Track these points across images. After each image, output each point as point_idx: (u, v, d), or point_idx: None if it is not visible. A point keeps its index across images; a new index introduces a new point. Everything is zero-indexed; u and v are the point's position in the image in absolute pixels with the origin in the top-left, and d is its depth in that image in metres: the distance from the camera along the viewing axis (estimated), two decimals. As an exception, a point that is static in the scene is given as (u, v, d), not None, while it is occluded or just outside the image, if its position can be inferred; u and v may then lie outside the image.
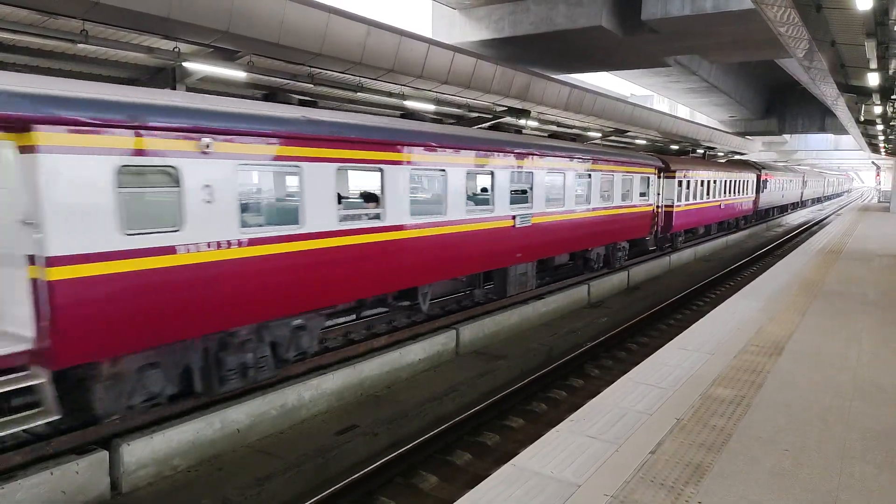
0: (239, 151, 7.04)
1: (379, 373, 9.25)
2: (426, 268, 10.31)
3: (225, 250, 6.93)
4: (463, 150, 10.87)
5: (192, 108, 6.57)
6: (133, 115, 5.99)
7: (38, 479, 5.59)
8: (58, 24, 8.06)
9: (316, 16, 10.79)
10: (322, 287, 8.25)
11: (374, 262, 9.03)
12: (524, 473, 4.30)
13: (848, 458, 4.59)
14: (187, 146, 6.49)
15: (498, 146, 11.85)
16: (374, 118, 9.78)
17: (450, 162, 10.54)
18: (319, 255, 8.10)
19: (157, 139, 6.22)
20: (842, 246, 18.24)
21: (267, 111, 7.52)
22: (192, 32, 9.24)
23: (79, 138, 5.63)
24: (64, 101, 5.54)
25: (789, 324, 8.55)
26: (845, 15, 9.95)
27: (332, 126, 8.20)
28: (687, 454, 4.61)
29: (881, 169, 62.58)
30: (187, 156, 6.50)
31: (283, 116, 7.61)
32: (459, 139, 10.89)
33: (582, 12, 19.25)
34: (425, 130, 10.12)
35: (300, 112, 8.01)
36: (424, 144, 9.92)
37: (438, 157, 10.28)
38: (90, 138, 5.71)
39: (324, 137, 8.02)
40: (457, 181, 10.72)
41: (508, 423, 8.18)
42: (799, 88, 38.35)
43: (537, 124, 18.87)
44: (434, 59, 13.53)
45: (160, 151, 6.27)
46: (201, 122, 6.59)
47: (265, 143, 7.31)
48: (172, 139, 6.35)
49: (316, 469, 6.68)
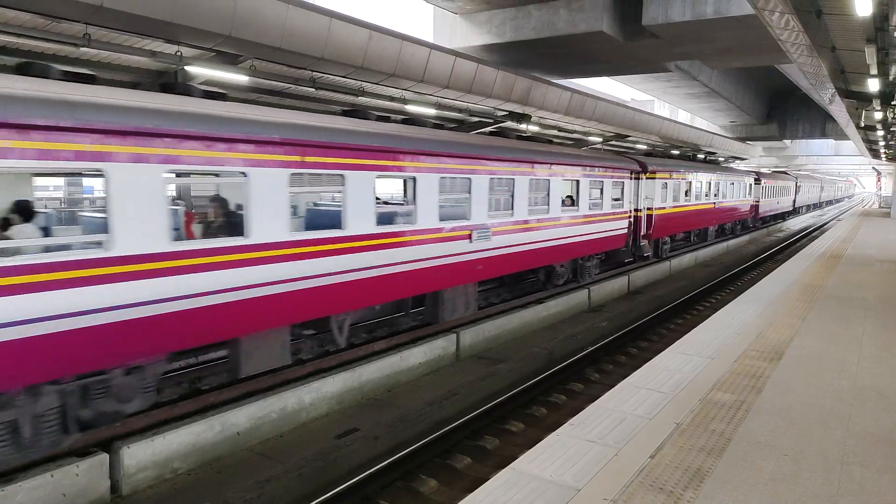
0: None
1: (379, 376, 9.25)
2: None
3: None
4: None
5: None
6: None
7: (39, 482, 5.59)
8: (60, 27, 8.09)
9: (318, 20, 10.83)
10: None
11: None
12: (524, 477, 4.30)
13: (848, 464, 4.59)
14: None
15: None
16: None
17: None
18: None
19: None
20: (842, 251, 18.24)
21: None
22: (195, 36, 9.28)
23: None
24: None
25: (790, 328, 8.56)
26: (845, 21, 9.98)
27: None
28: (687, 459, 4.61)
29: (882, 174, 62.61)
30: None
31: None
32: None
33: (583, 17, 19.29)
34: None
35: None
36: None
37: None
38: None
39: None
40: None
41: (508, 427, 8.18)
42: (799, 94, 38.37)
43: (538, 129, 18.91)
44: (435, 63, 13.56)
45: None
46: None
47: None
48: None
49: (316, 472, 6.69)
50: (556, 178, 14.03)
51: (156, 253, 6.48)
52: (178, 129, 6.69)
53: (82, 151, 5.92)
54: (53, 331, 5.70)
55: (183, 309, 6.76)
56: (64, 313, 5.76)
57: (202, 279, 6.94)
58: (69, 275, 5.78)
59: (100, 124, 5.98)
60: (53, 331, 5.70)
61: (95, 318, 5.99)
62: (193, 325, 6.89)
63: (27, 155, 5.53)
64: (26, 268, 5.53)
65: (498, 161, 12.11)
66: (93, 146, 5.98)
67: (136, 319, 6.32)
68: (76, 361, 5.99)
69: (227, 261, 7.25)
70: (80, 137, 5.88)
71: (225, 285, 7.20)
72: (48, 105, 5.64)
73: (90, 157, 5.98)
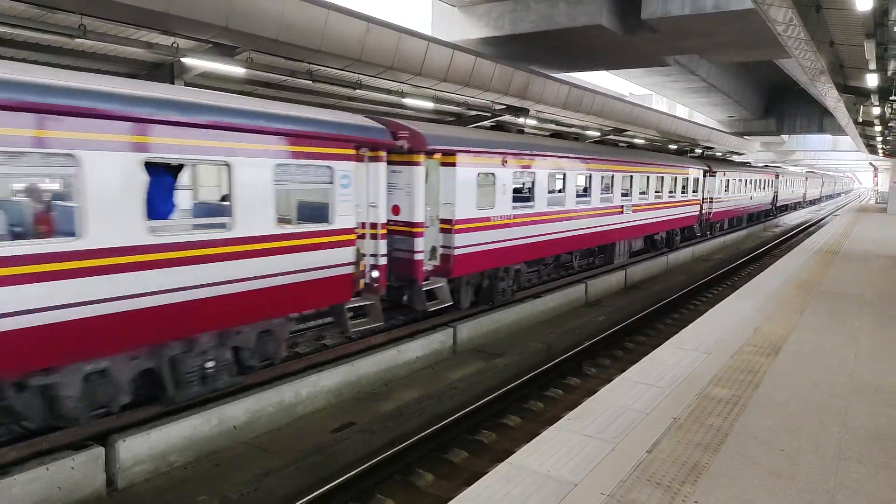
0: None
1: (377, 370, 9.24)
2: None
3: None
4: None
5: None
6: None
7: (34, 475, 5.57)
8: (56, 18, 8.03)
9: (315, 12, 10.77)
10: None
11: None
12: (521, 471, 4.30)
13: (845, 459, 4.60)
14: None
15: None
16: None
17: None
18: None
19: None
20: (839, 246, 18.28)
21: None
22: (191, 28, 9.21)
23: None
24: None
25: (787, 324, 8.57)
26: (845, 15, 9.96)
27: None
28: (684, 454, 4.62)
29: (878, 170, 62.66)
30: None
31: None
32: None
33: (582, 11, 19.21)
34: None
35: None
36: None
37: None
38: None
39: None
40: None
41: (506, 421, 8.18)
42: (798, 89, 38.33)
43: (536, 123, 18.87)
44: (433, 56, 13.51)
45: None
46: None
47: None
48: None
49: (313, 466, 6.68)
50: (667, 176, 20.80)
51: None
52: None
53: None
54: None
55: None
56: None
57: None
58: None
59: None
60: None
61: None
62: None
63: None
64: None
65: (633, 164, 17.99)
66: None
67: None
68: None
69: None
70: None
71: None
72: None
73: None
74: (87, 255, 5.92)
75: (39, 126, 5.54)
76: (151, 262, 6.44)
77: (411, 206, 10.47)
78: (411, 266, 10.63)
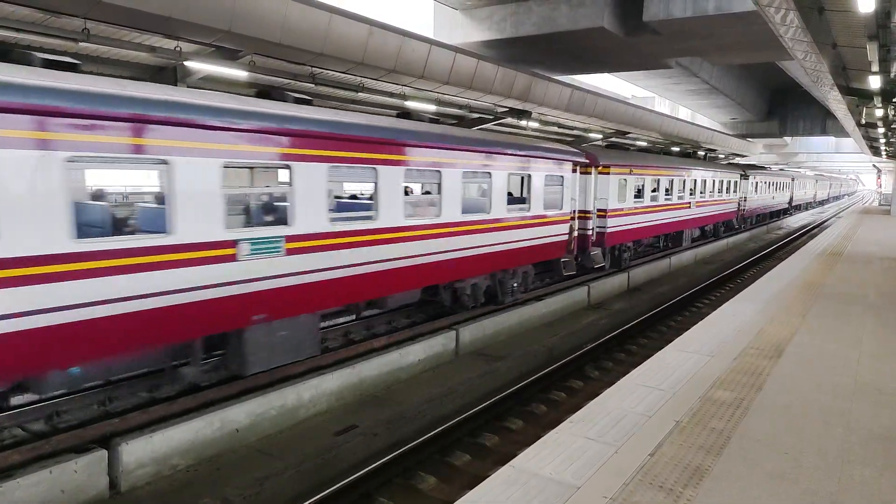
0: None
1: (378, 373, 9.24)
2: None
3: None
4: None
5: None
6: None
7: (37, 478, 5.58)
8: (60, 22, 8.06)
9: (318, 16, 10.79)
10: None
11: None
12: (523, 475, 4.29)
13: (848, 461, 4.58)
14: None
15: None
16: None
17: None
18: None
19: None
20: (842, 248, 18.23)
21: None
22: (194, 32, 9.24)
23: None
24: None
25: (790, 326, 8.54)
26: (847, 17, 9.94)
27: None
28: (686, 456, 4.60)
29: (882, 172, 62.49)
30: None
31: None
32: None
33: (584, 13, 19.25)
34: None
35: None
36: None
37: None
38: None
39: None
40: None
41: (508, 424, 8.17)
42: (800, 91, 38.31)
43: (539, 125, 18.88)
44: (436, 59, 13.53)
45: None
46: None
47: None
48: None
49: (315, 469, 6.68)
50: (717, 179, 26.01)
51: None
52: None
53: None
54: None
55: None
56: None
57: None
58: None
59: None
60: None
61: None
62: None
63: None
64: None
65: (694, 170, 23.58)
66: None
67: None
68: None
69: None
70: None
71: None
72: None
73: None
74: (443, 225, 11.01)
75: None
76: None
77: (585, 200, 16.94)
78: (585, 239, 16.91)
